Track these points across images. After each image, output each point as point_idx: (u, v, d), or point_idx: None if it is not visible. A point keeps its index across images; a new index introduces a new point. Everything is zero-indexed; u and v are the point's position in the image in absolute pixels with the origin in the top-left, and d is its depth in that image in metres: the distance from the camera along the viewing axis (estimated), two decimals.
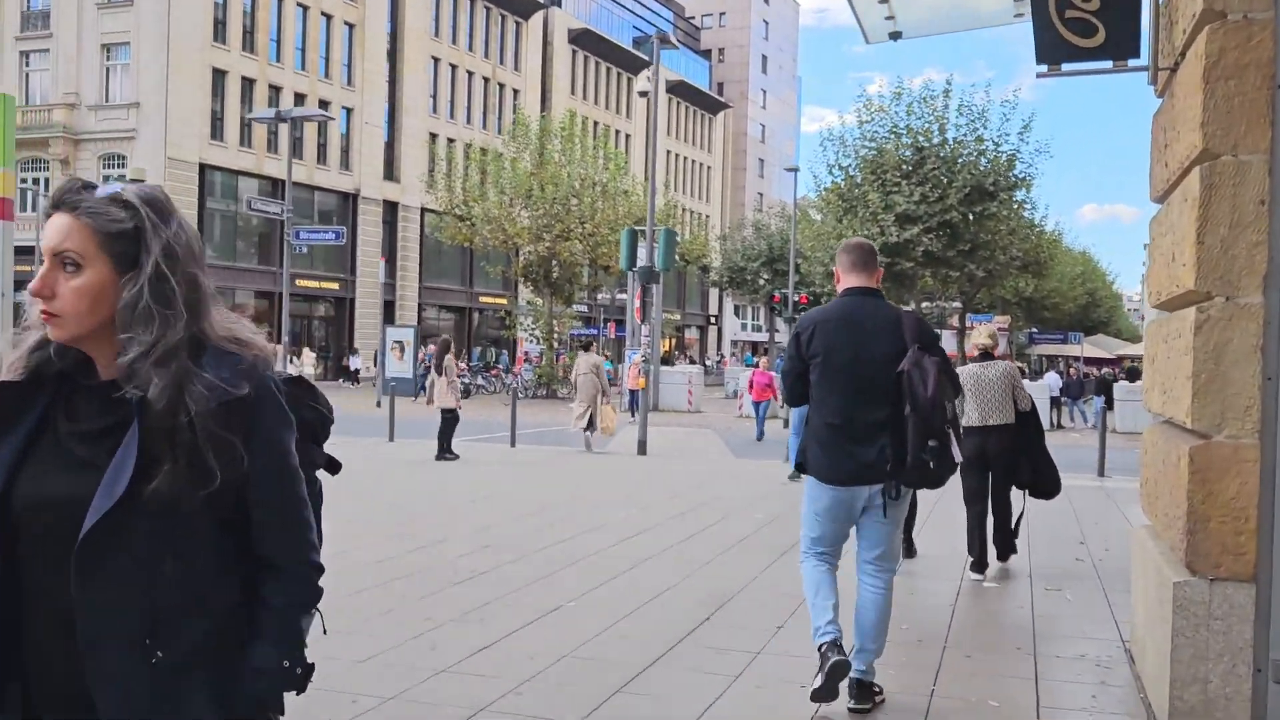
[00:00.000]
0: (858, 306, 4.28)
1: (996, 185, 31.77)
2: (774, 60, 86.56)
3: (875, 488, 4.16)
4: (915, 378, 4.01)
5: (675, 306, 70.77)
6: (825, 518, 4.29)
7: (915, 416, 4.00)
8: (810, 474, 4.30)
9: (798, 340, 4.34)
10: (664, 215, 46.03)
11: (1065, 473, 8.25)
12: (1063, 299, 58.69)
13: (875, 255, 4.40)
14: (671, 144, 71.44)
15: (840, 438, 4.17)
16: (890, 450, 4.09)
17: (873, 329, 4.20)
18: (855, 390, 4.16)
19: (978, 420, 6.98)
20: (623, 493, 10.54)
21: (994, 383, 7.01)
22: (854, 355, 4.18)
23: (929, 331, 4.25)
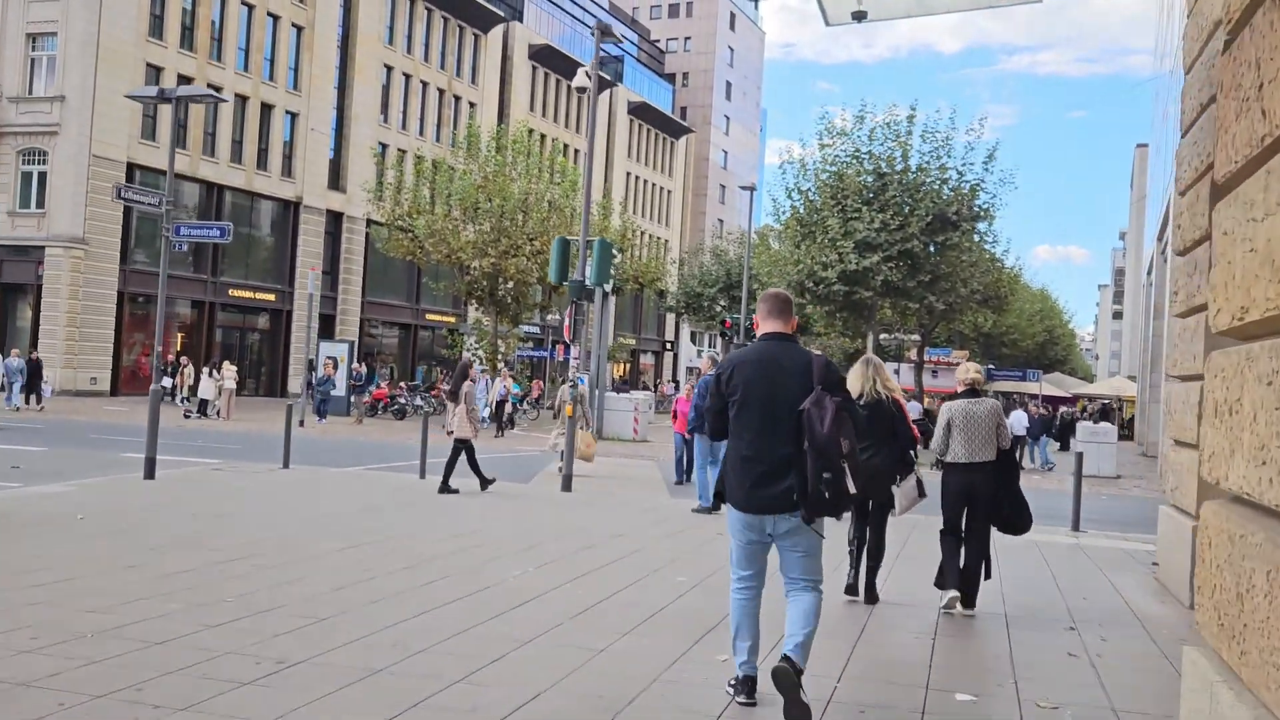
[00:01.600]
0: (773, 350, 4.66)
1: (959, 215, 30.71)
2: (738, 87, 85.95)
3: (785, 515, 4.48)
4: (814, 416, 4.37)
5: (631, 331, 69.43)
6: (744, 544, 4.64)
7: (812, 451, 4.36)
8: (729, 502, 4.63)
9: (719, 379, 4.70)
10: (620, 236, 44.79)
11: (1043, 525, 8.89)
12: (1021, 335, 58.13)
13: (791, 305, 4.82)
14: (632, 166, 70.31)
15: (754, 469, 4.52)
16: (797, 481, 4.42)
17: (785, 371, 4.57)
18: (767, 426, 4.52)
19: (965, 456, 6.93)
20: (527, 543, 8.92)
21: (982, 419, 6.96)
22: (768, 394, 4.55)
23: (835, 374, 4.63)
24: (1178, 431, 7.80)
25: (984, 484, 6.91)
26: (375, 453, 19.47)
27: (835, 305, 32.19)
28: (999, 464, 6.98)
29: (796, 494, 4.42)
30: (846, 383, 5.45)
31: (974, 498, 6.94)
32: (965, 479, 6.91)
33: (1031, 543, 10.62)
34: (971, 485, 6.91)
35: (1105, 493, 19.80)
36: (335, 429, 26.60)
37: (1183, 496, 7.50)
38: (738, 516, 4.61)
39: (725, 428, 4.69)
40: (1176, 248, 8.22)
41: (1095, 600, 7.62)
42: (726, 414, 4.66)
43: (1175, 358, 8.11)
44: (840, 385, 4.66)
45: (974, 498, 6.94)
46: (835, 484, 4.38)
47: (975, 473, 6.89)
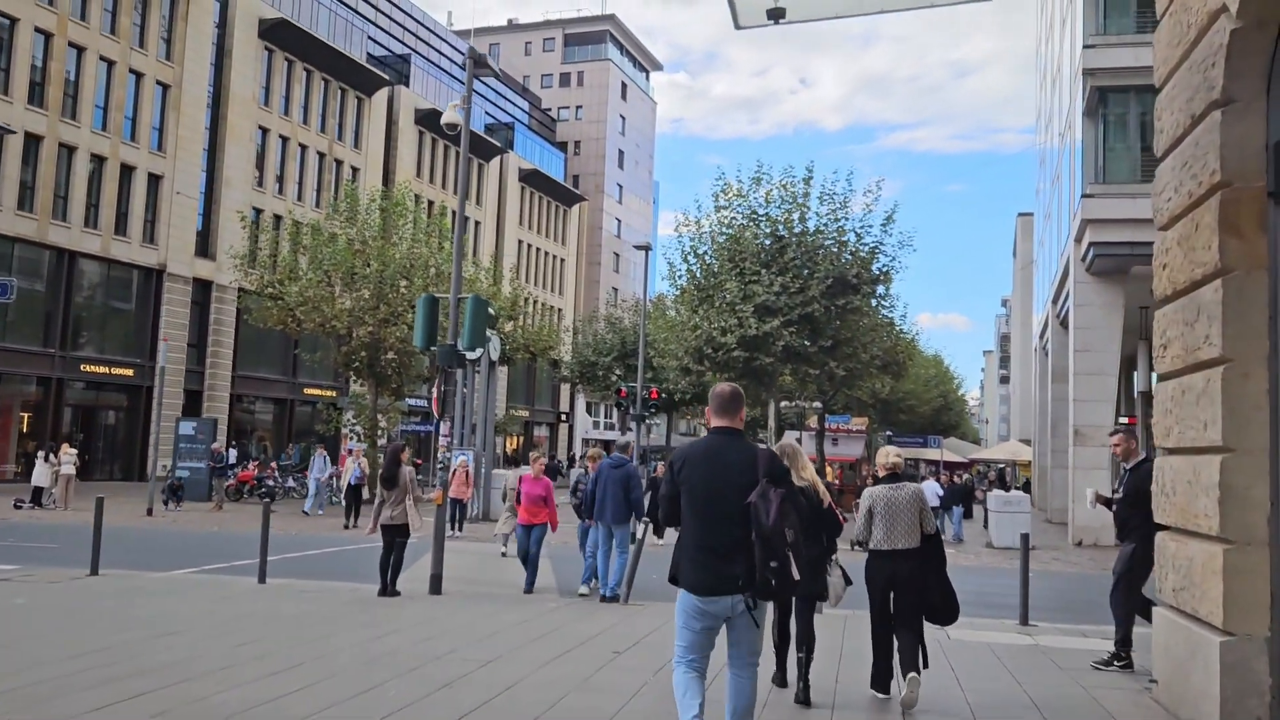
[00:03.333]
0: (722, 444, 4.97)
1: (859, 278, 29.83)
2: (630, 156, 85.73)
3: (736, 598, 4.74)
4: (760, 508, 4.67)
5: (524, 402, 67.26)
6: (694, 625, 4.85)
7: (759, 541, 4.64)
8: (681, 586, 4.87)
9: (672, 468, 5.01)
10: (510, 304, 42.92)
11: (976, 616, 9.14)
12: (918, 401, 57.99)
13: (741, 400, 5.10)
14: (524, 234, 68.85)
15: (705, 555, 4.79)
16: (744, 567, 4.69)
17: (733, 463, 4.87)
18: (717, 515, 4.80)
19: (887, 544, 6.80)
20: (356, 685, 6.84)
21: (905, 505, 6.83)
22: (717, 485, 4.83)
23: (780, 467, 4.92)
24: (1181, 518, 6.27)
25: (908, 571, 6.75)
26: (223, 548, 16.97)
27: (735, 372, 30.80)
28: (925, 550, 6.83)
29: (743, 580, 4.67)
30: None
31: (898, 585, 6.78)
32: (889, 566, 6.78)
33: (985, 646, 9.02)
34: (895, 573, 6.76)
35: None
36: (188, 518, 23.80)
37: (1198, 602, 5.93)
38: (692, 600, 4.81)
39: (677, 515, 4.96)
40: (1163, 292, 6.80)
41: None
42: (679, 502, 4.93)
43: (1168, 425, 6.63)
44: (784, 477, 4.92)
45: (898, 585, 6.78)
46: (781, 571, 4.64)
47: (899, 560, 6.76)
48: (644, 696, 6.62)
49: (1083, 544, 24.45)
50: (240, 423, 45.65)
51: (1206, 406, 5.89)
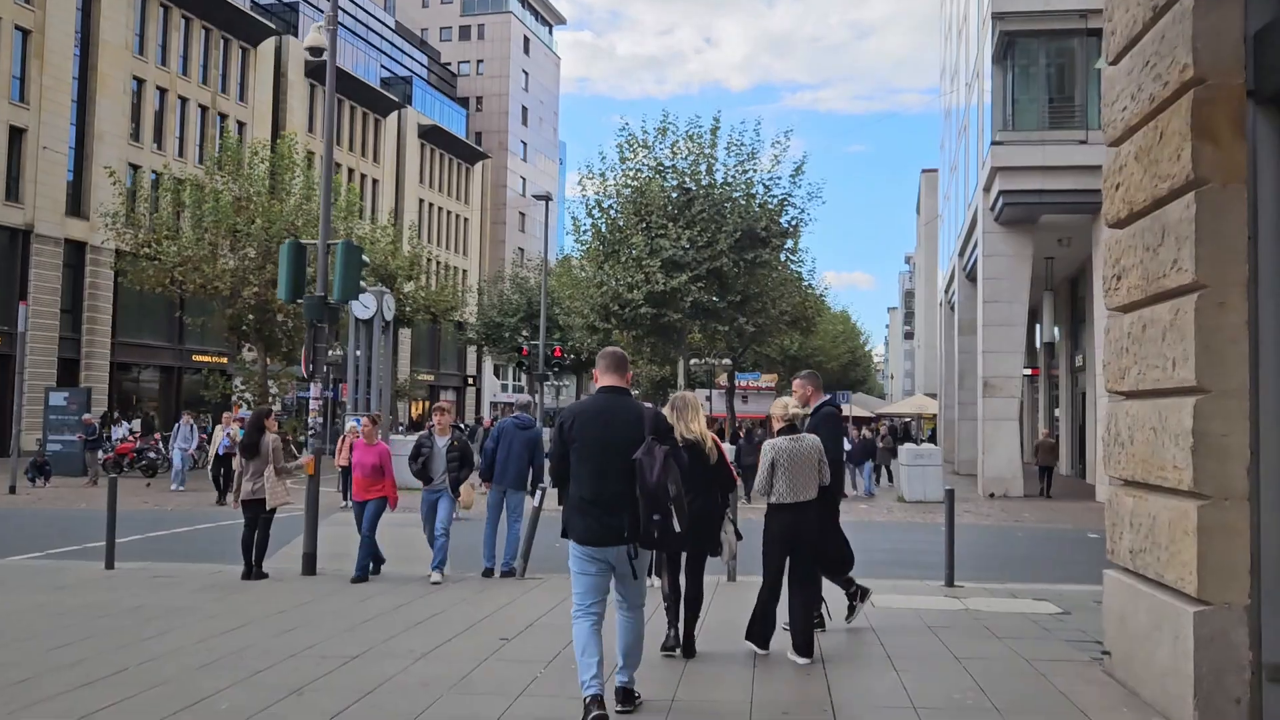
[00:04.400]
0: (609, 402, 5.28)
1: (768, 231, 29.13)
2: (535, 113, 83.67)
3: (622, 548, 5.14)
4: (645, 464, 4.99)
5: (429, 366, 65.39)
6: (585, 575, 5.17)
7: (643, 496, 5.00)
8: (571, 538, 5.21)
9: (561, 428, 5.27)
10: (409, 264, 41.16)
11: (899, 577, 9.21)
12: (826, 358, 58.01)
13: (627, 361, 5.46)
14: (425, 193, 66.57)
15: (593, 508, 5.13)
16: (630, 519, 5.06)
17: (620, 421, 5.19)
18: (605, 470, 5.13)
19: (789, 497, 6.64)
20: (182, 698, 5.66)
21: (806, 457, 6.71)
22: (606, 441, 5.15)
23: (664, 424, 5.38)
24: (1142, 470, 5.50)
25: (809, 524, 6.67)
26: (83, 528, 15.41)
27: (643, 329, 29.93)
28: (821, 502, 6.75)
29: (628, 531, 5.07)
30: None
31: (799, 539, 6.66)
32: (791, 520, 6.62)
33: (914, 614, 8.27)
34: (797, 526, 6.63)
35: (943, 524, 18.06)
36: (56, 495, 21.97)
37: (1164, 566, 5.18)
38: (582, 551, 5.16)
39: (567, 473, 5.24)
40: (1116, 216, 5.99)
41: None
42: (568, 460, 5.22)
43: (1122, 366, 5.85)
44: (668, 434, 5.34)
45: (799, 539, 6.66)
46: (664, 524, 5.02)
47: (800, 513, 6.63)
48: (531, 697, 5.64)
49: (994, 496, 24.28)
50: (126, 392, 43.13)
51: (1174, 342, 5.09)
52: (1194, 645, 4.82)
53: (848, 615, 7.68)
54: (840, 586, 7.57)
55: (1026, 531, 17.21)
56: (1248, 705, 4.75)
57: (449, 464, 9.82)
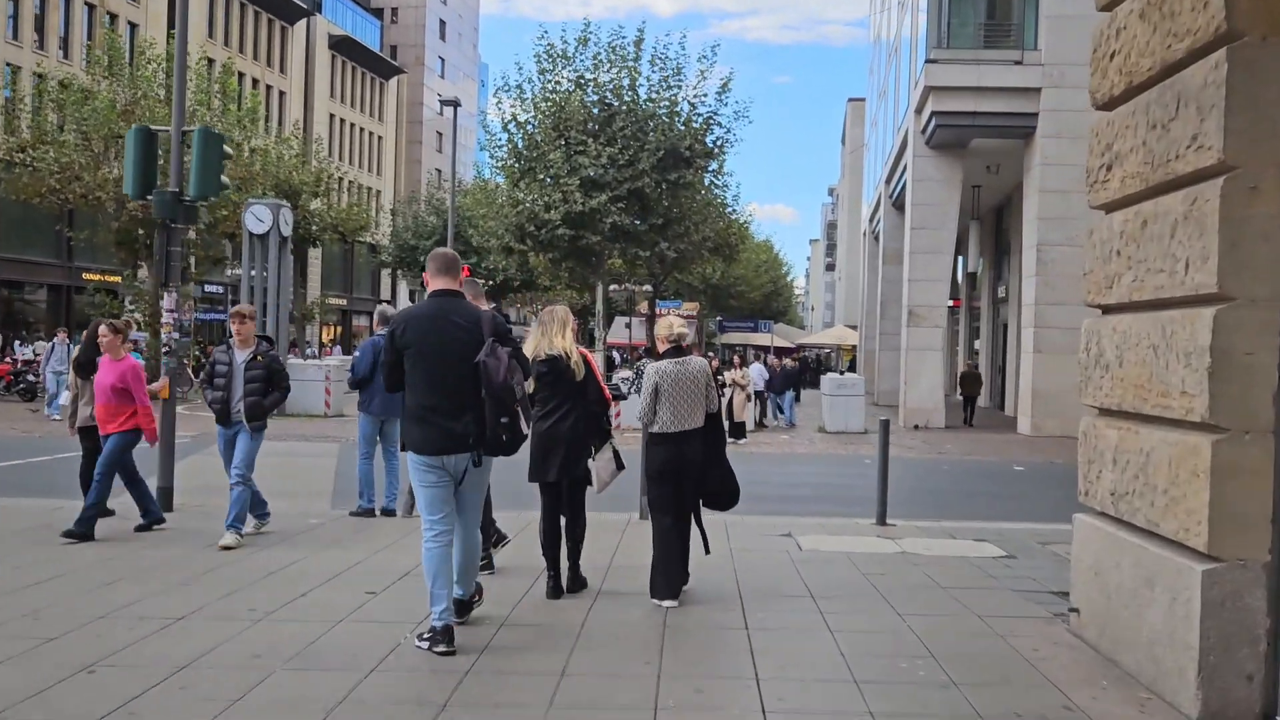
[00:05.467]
0: (445, 306, 5.05)
1: (692, 151, 27.84)
2: (453, 28, 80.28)
3: (464, 455, 4.99)
4: (490, 366, 4.84)
5: (342, 290, 63.06)
6: (428, 484, 5.00)
7: (490, 399, 4.85)
8: (410, 449, 5.02)
9: (393, 335, 5.04)
10: (314, 180, 38.97)
11: (826, 515, 8.90)
12: (748, 287, 57.36)
13: (459, 263, 5.26)
14: (336, 107, 63.42)
15: (433, 415, 4.95)
16: (473, 425, 4.91)
17: (458, 324, 4.99)
18: (443, 375, 4.95)
19: (673, 425, 6.02)
20: None
21: (692, 381, 6.07)
22: (441, 346, 4.96)
23: (504, 326, 5.12)
24: (1136, 396, 4.56)
25: (694, 454, 6.08)
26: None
27: (560, 252, 28.59)
28: (707, 430, 6.15)
29: (474, 437, 4.92)
30: (524, 343, 5.81)
31: (684, 470, 6.08)
32: (675, 450, 6.03)
33: (844, 557, 7.39)
34: (682, 457, 6.05)
35: (867, 457, 17.42)
36: None
37: (1161, 513, 4.26)
38: (421, 461, 4.98)
39: (401, 380, 5.05)
40: (1108, 93, 4.97)
41: (1028, 704, 4.30)
42: (401, 367, 5.02)
43: (1113, 272, 4.88)
44: (508, 336, 5.08)
45: (684, 470, 6.08)
46: (512, 426, 4.92)
47: (685, 442, 6.05)
48: (386, 673, 4.56)
49: (918, 427, 23.80)
50: (16, 313, 40.49)
51: (1189, 239, 4.11)
52: (1200, 609, 3.93)
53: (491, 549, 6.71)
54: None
55: (952, 465, 16.63)
56: (1261, 683, 3.89)
57: (247, 386, 7.65)
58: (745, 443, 19.58)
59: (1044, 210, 22.30)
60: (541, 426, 5.99)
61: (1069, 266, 22.18)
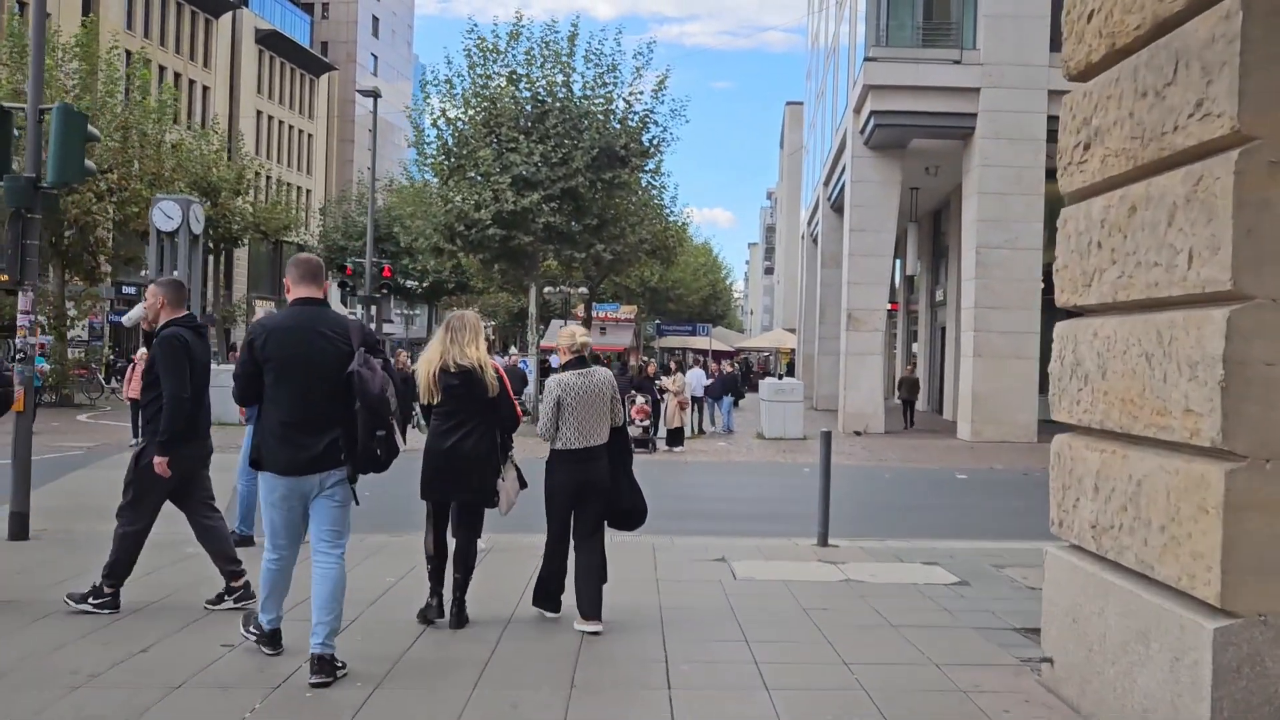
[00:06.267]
0: (310, 315, 4.69)
1: (628, 150, 27.04)
2: (386, 24, 78.65)
3: (326, 474, 4.62)
4: (364, 377, 4.54)
5: (270, 292, 61.19)
6: (281, 507, 4.67)
7: (364, 411, 4.53)
8: (266, 468, 4.66)
9: (251, 346, 4.68)
10: (236, 178, 37.49)
11: (764, 534, 8.27)
12: (687, 290, 56.74)
13: (323, 270, 4.93)
14: (263, 104, 61.58)
15: (294, 432, 4.58)
16: (342, 441, 4.59)
17: (322, 335, 4.64)
18: (306, 390, 4.59)
19: (578, 441, 5.63)
20: None
21: (597, 394, 5.68)
22: (306, 359, 4.60)
23: (372, 336, 4.87)
24: (1125, 413, 3.87)
25: (599, 472, 5.73)
26: None
27: (491, 253, 27.59)
28: (612, 445, 5.81)
29: (344, 452, 4.59)
30: (426, 350, 5.70)
31: (588, 490, 5.71)
32: (579, 469, 5.67)
33: (783, 587, 6.65)
34: (586, 475, 5.69)
35: (806, 465, 16.79)
36: None
37: (1159, 555, 3.57)
38: (281, 482, 4.63)
39: (256, 393, 4.69)
40: (1085, 59, 4.29)
41: None
42: (259, 380, 4.66)
43: (1092, 267, 4.20)
44: (377, 347, 4.81)
45: (588, 490, 5.71)
46: (387, 440, 4.61)
47: (590, 460, 5.69)
48: None
49: (858, 433, 23.29)
50: None
51: (1192, 227, 3.42)
52: (1211, 675, 3.23)
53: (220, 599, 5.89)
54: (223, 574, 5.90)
55: (894, 473, 16.05)
56: None
57: None
58: (682, 450, 18.88)
59: (983, 212, 21.94)
60: (443, 443, 5.56)
61: (1009, 269, 21.89)
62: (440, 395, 5.49)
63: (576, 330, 5.93)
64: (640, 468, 6.35)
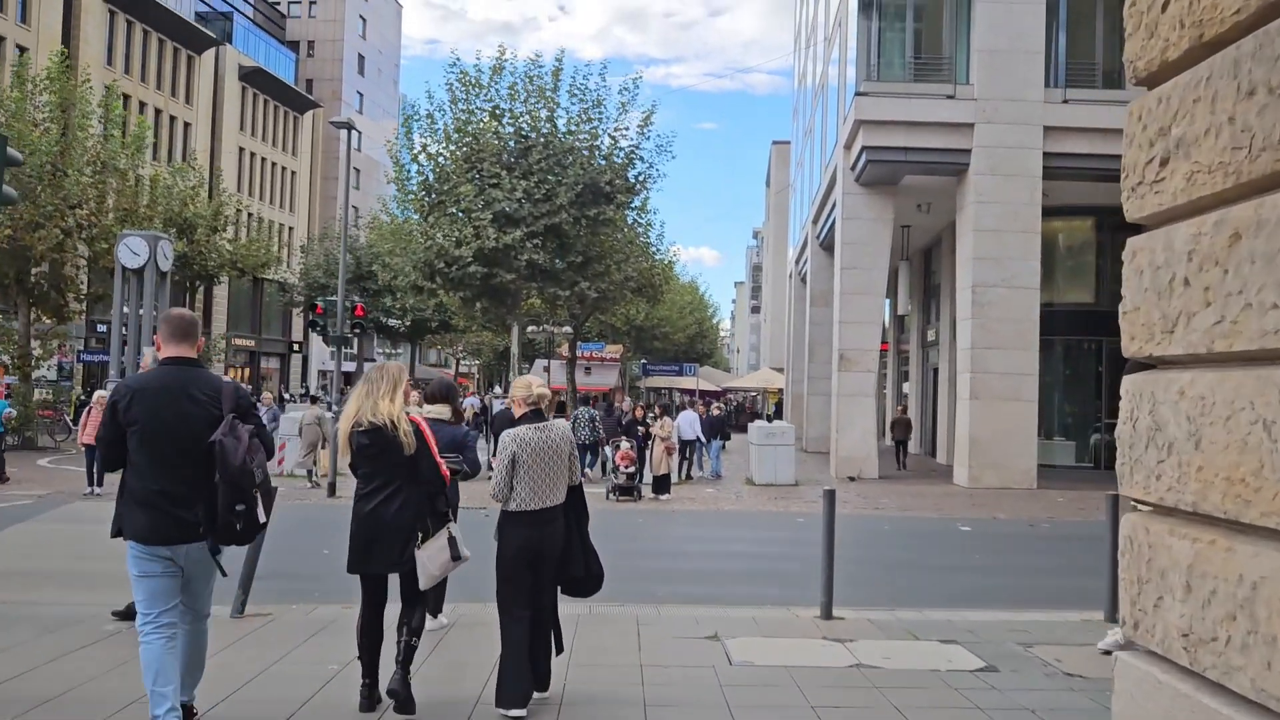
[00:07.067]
0: (180, 376, 4.40)
1: (613, 186, 26.44)
2: (372, 62, 78.40)
3: (193, 545, 4.39)
4: (227, 446, 4.27)
5: (250, 331, 60.25)
6: (150, 578, 4.35)
7: (224, 483, 4.29)
8: (129, 538, 4.39)
9: (114, 408, 4.41)
10: (214, 214, 36.72)
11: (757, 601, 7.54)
12: (673, 329, 56.08)
13: (196, 326, 4.56)
14: (246, 140, 60.98)
15: (161, 500, 4.32)
16: (204, 512, 4.34)
17: (193, 397, 4.36)
18: (174, 456, 4.33)
19: (532, 502, 5.12)
20: None
21: (554, 451, 5.21)
22: (173, 422, 4.33)
23: (247, 400, 4.52)
24: (1228, 493, 3.05)
25: (555, 535, 5.18)
26: None
27: (473, 291, 26.86)
28: (568, 505, 5.26)
29: (204, 526, 4.37)
30: (346, 404, 5.21)
31: (543, 554, 5.14)
32: (535, 532, 5.09)
33: (786, 675, 5.78)
34: (542, 539, 5.12)
35: (799, 515, 15.94)
36: None
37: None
38: (146, 550, 4.41)
39: (121, 457, 4.48)
40: (1155, 63, 3.52)
41: None
42: (123, 444, 4.44)
43: (1172, 311, 3.40)
44: (251, 412, 4.53)
45: (543, 554, 5.14)
46: (248, 514, 4.37)
47: (546, 522, 5.14)
48: None
49: (852, 479, 22.45)
50: None
51: None
52: None
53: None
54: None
55: (893, 524, 15.21)
56: None
57: None
58: (669, 498, 18.00)
59: (979, 250, 21.30)
60: (362, 509, 5.09)
61: (1006, 309, 21.22)
62: (355, 457, 5.11)
63: (533, 381, 5.43)
64: (625, 517, 5.66)
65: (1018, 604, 8.56)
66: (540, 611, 5.24)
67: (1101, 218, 25.79)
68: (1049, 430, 24.71)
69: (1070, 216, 25.47)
